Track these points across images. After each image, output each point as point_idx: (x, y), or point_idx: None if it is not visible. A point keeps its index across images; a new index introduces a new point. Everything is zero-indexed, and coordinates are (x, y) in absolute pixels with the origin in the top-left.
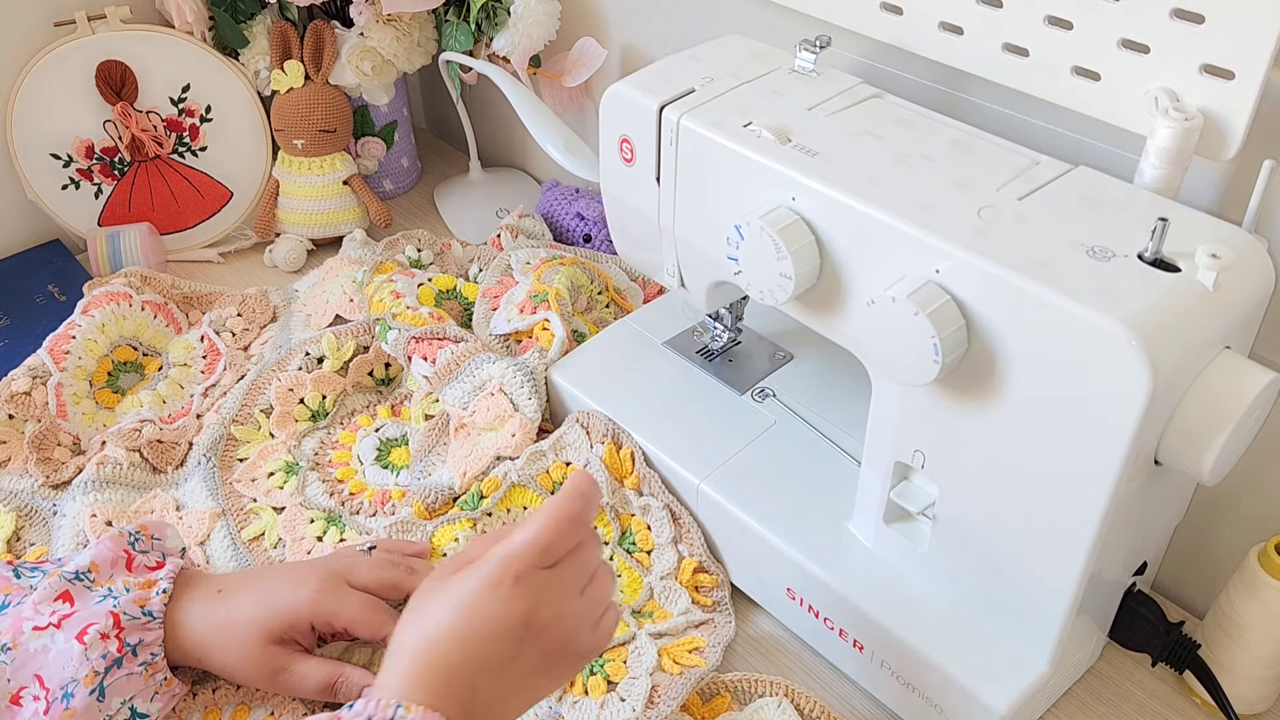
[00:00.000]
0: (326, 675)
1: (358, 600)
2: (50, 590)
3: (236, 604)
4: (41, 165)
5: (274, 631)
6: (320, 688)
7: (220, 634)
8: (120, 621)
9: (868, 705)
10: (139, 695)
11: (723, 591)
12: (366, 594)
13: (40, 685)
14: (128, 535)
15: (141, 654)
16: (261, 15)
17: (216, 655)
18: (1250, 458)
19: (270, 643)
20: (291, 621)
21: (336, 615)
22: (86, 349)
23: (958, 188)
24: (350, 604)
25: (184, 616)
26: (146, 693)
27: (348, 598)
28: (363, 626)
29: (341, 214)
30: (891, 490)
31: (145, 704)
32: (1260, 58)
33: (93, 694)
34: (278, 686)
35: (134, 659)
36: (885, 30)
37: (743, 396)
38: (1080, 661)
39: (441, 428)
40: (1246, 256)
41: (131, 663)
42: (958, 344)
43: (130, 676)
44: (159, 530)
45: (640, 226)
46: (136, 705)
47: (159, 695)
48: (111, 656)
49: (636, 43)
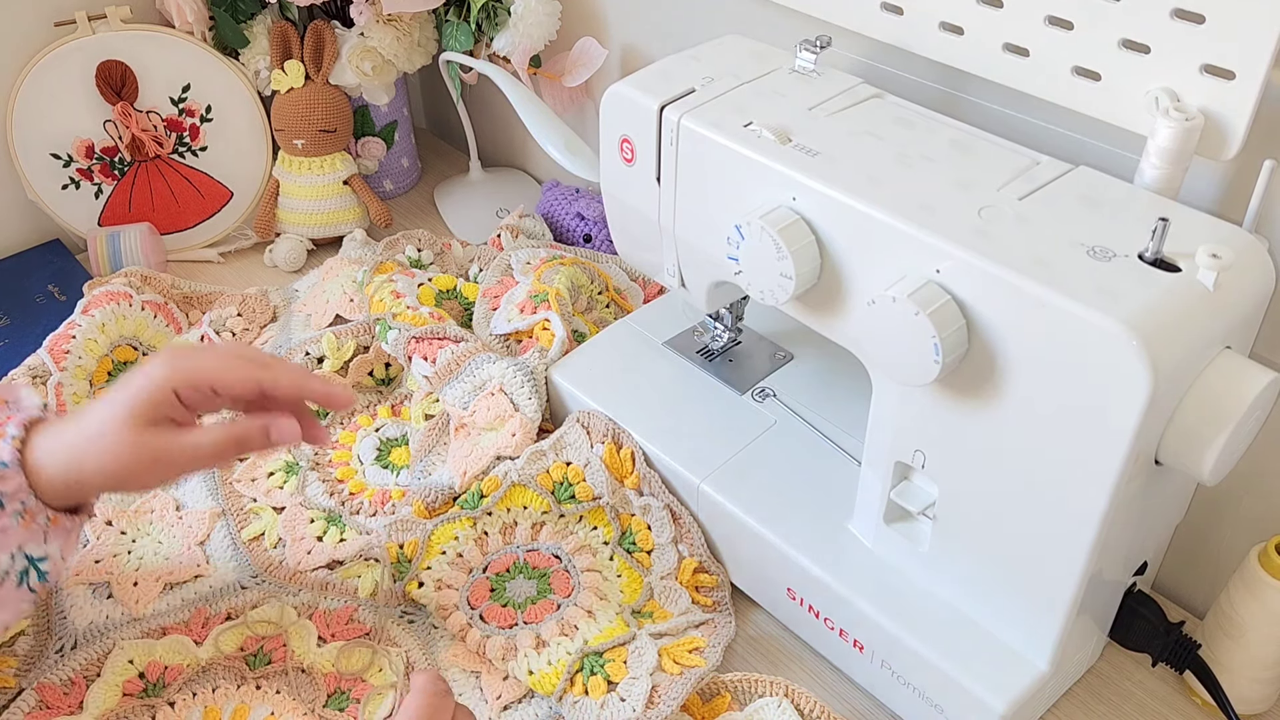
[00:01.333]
0: (220, 436)
1: (213, 351)
2: None
3: (91, 410)
4: (42, 165)
5: (138, 412)
6: (216, 453)
7: (83, 446)
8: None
9: (868, 705)
10: (28, 542)
11: (723, 591)
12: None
13: None
14: None
15: (10, 504)
16: (262, 15)
17: (90, 471)
18: (1250, 458)
19: (140, 426)
20: (150, 394)
21: (197, 369)
22: (86, 349)
23: (958, 188)
24: (205, 355)
25: (41, 452)
26: (35, 537)
27: (203, 352)
28: (229, 375)
29: (341, 214)
30: (892, 490)
31: (40, 548)
32: (1261, 58)
33: None
34: (173, 474)
35: (3, 511)
36: (885, 30)
37: (743, 396)
38: (1080, 661)
39: (441, 427)
40: (1247, 256)
41: (2, 516)
42: (958, 344)
43: (5, 531)
44: (10, 392)
45: (640, 226)
46: (30, 551)
47: (52, 536)
48: None
49: (636, 43)
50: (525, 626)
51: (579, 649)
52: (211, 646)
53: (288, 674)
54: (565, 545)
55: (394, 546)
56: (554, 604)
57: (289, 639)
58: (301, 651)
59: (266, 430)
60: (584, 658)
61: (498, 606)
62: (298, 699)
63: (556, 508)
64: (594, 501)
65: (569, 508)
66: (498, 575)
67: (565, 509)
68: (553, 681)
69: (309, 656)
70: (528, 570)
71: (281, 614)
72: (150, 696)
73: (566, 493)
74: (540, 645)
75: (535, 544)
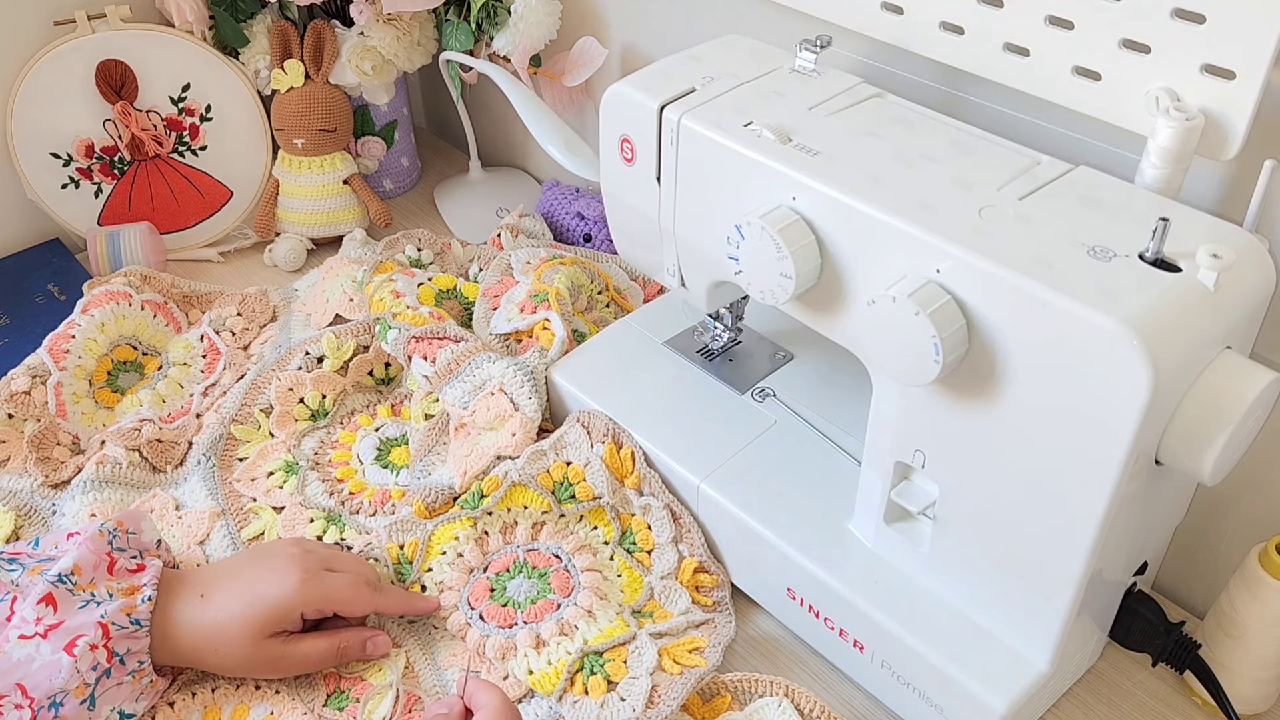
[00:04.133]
0: (328, 646)
1: (340, 580)
2: (34, 593)
3: (222, 605)
4: (41, 164)
5: (265, 628)
6: (325, 659)
7: (211, 638)
8: (109, 632)
9: (868, 705)
10: (127, 700)
11: (723, 591)
12: (346, 573)
13: (23, 694)
14: (107, 534)
15: (130, 662)
16: (262, 14)
17: (210, 658)
18: (1251, 458)
19: (262, 638)
20: (281, 615)
21: (324, 599)
22: (86, 348)
23: (958, 187)
24: (334, 585)
25: (170, 622)
26: (134, 695)
27: (331, 580)
28: (349, 605)
29: (341, 213)
30: (892, 490)
31: (132, 705)
32: (1261, 58)
33: (84, 704)
34: (281, 673)
35: (123, 668)
36: (886, 30)
37: (743, 396)
38: (1080, 661)
39: (441, 427)
40: (1247, 256)
41: (120, 672)
42: (958, 344)
43: (120, 686)
44: (134, 523)
45: (640, 226)
46: (124, 708)
47: (144, 696)
48: (102, 667)
49: (636, 43)
50: (525, 626)
51: (579, 649)
52: None
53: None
54: (565, 545)
55: (394, 547)
56: (554, 604)
57: None
58: None
59: (365, 644)
60: (584, 657)
61: (498, 606)
62: (297, 699)
63: (557, 507)
64: (594, 501)
65: (569, 507)
66: (498, 575)
67: (565, 509)
68: (553, 681)
69: None
70: (528, 570)
71: None
72: None
73: (567, 492)
74: (540, 645)
75: (535, 544)
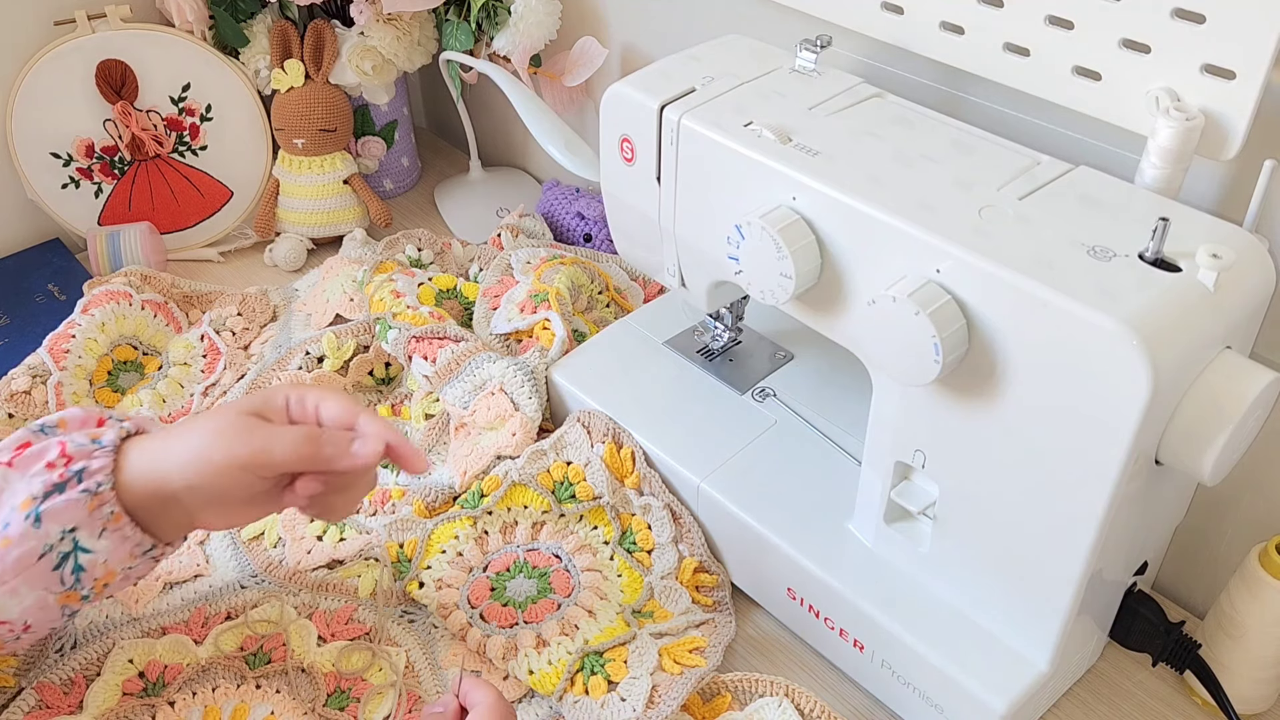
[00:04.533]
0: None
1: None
2: (13, 440)
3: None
4: (41, 164)
5: (242, 404)
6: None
7: (173, 431)
8: (66, 449)
9: (868, 705)
10: (83, 527)
11: (723, 591)
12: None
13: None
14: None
15: (86, 480)
16: (262, 14)
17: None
18: (1251, 458)
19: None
20: (263, 395)
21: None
22: (86, 348)
23: (958, 187)
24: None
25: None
26: (92, 526)
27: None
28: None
29: (341, 213)
30: (892, 490)
31: (91, 539)
32: (1261, 58)
33: (28, 519)
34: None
35: (76, 484)
36: (886, 30)
37: (743, 396)
38: (1080, 661)
39: (442, 427)
40: (1247, 256)
41: (73, 488)
42: (958, 344)
43: (70, 503)
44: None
45: (641, 226)
46: (80, 538)
47: (107, 531)
48: (51, 483)
49: (636, 43)
50: (525, 626)
51: (579, 649)
52: (211, 646)
53: (288, 673)
54: (565, 545)
55: (394, 546)
56: (554, 603)
57: (289, 638)
58: (301, 651)
59: (349, 443)
60: (584, 657)
61: (498, 606)
62: (298, 699)
63: (557, 507)
64: (594, 501)
65: (569, 507)
66: (498, 575)
67: (565, 508)
68: (553, 681)
69: (309, 656)
70: (528, 570)
71: (281, 613)
72: (150, 696)
73: (567, 492)
74: (541, 645)
75: (535, 543)
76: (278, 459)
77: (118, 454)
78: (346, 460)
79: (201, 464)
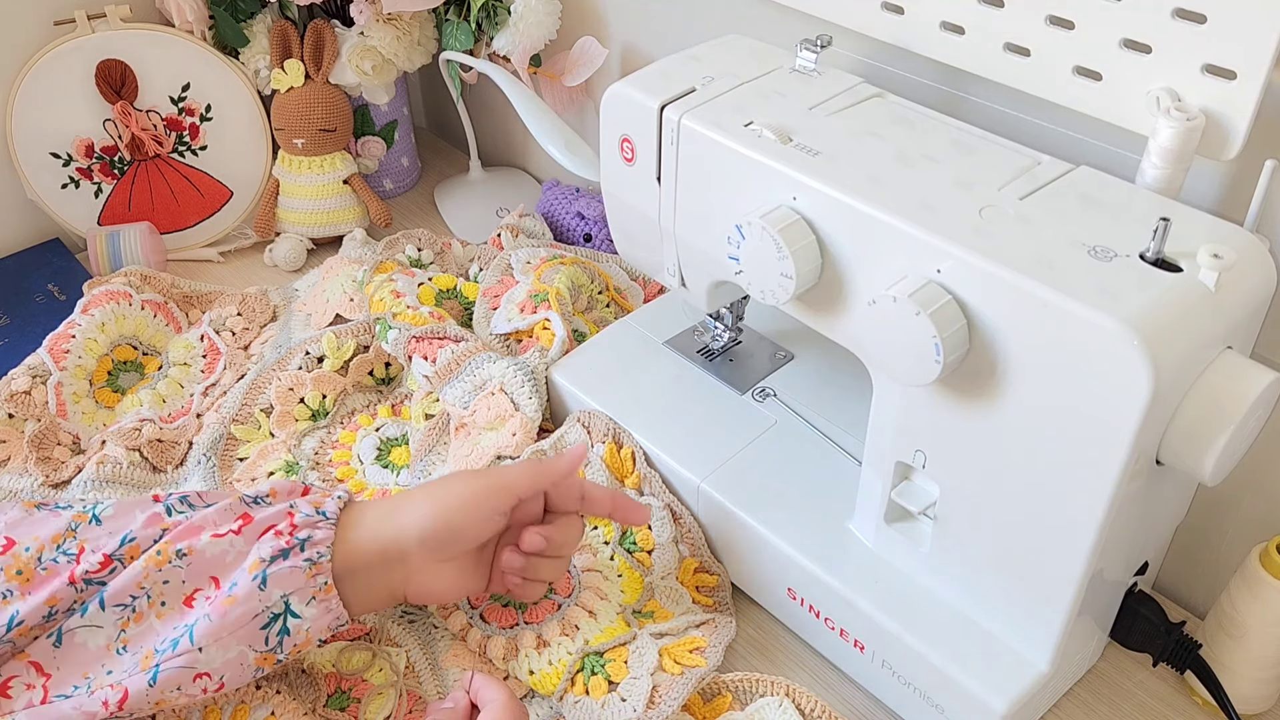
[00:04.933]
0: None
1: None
2: (229, 513)
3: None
4: (41, 164)
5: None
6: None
7: (404, 496)
8: (294, 519)
9: (868, 705)
10: (297, 592)
11: (723, 591)
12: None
13: (215, 586)
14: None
15: (309, 549)
16: (262, 14)
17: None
18: (1251, 458)
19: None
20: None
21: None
22: (86, 348)
23: (959, 187)
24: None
25: (362, 513)
26: (305, 593)
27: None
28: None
29: (341, 213)
30: (892, 490)
31: (301, 605)
32: (1262, 58)
33: (255, 580)
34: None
35: (299, 553)
36: (886, 30)
37: (743, 396)
38: (1081, 661)
39: (442, 427)
40: (1248, 256)
41: (297, 556)
42: (959, 344)
43: (293, 570)
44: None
45: (641, 226)
46: (292, 603)
47: (316, 600)
48: (279, 548)
49: (636, 42)
50: (526, 626)
51: (580, 649)
52: None
53: (288, 674)
54: None
55: None
56: (555, 604)
57: None
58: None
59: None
60: (585, 658)
61: (499, 606)
62: (298, 699)
63: None
64: None
65: None
66: None
67: None
68: (553, 681)
69: (309, 656)
70: None
71: None
72: None
73: None
74: (541, 645)
75: None
76: (512, 480)
77: (341, 521)
78: (567, 463)
79: (443, 505)
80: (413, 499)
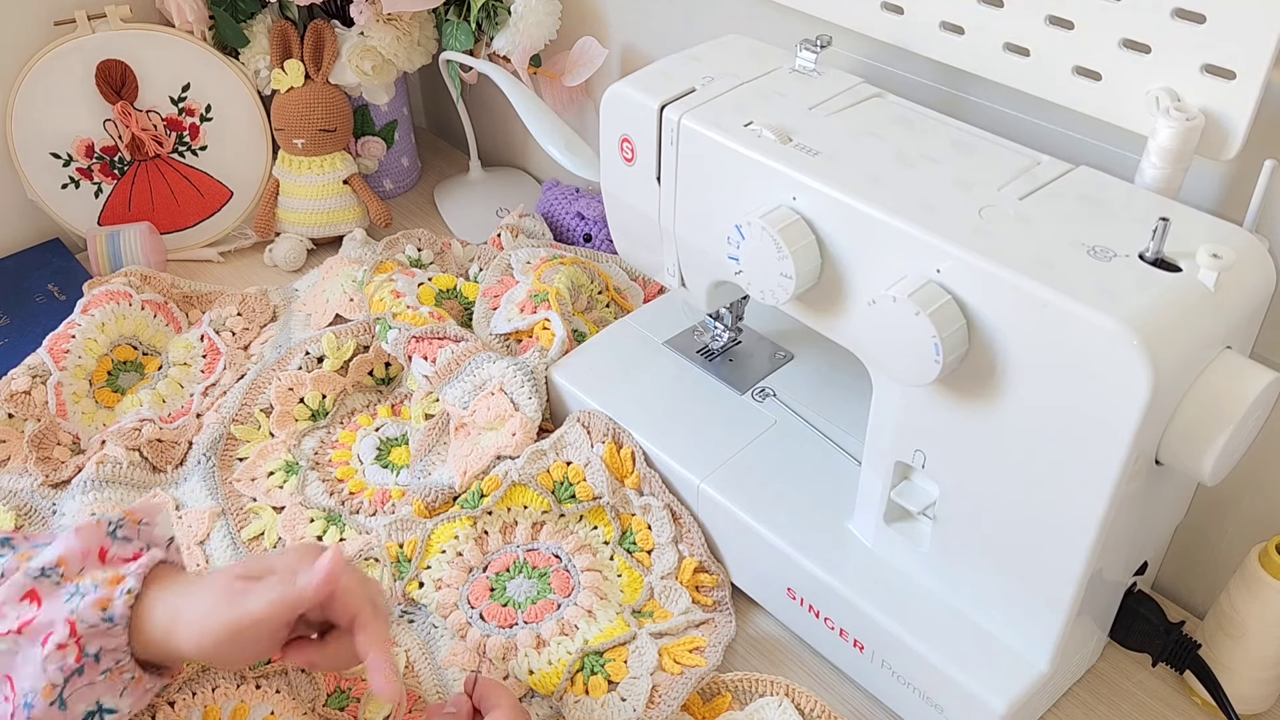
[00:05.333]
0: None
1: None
2: (15, 589)
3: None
4: (41, 164)
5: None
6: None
7: (189, 590)
8: (77, 630)
9: (868, 705)
10: (106, 695)
11: (723, 591)
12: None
13: (10, 687)
14: (108, 524)
15: (104, 660)
16: (262, 14)
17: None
18: (1251, 458)
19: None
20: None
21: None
22: (86, 348)
23: (959, 187)
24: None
25: (152, 607)
26: (113, 691)
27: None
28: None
29: (341, 213)
30: (892, 490)
31: (113, 700)
32: (1261, 58)
33: (53, 705)
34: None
35: (96, 666)
36: (886, 30)
37: (743, 396)
38: (1080, 661)
39: (442, 427)
40: (1248, 256)
41: (93, 671)
42: (958, 344)
43: (91, 685)
44: (149, 514)
45: (641, 226)
46: (104, 703)
47: (128, 691)
48: (70, 667)
49: (636, 43)
50: (525, 626)
51: (579, 649)
52: None
53: (288, 674)
54: (565, 545)
55: (394, 546)
56: (554, 604)
57: None
58: None
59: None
60: (584, 657)
61: (498, 606)
62: (298, 699)
63: (557, 507)
64: (594, 501)
65: (569, 507)
66: (498, 575)
67: (565, 509)
68: (553, 681)
69: None
70: (528, 570)
71: None
72: None
73: (567, 492)
74: (541, 645)
75: (535, 543)
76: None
77: (134, 613)
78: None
79: (213, 639)
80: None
